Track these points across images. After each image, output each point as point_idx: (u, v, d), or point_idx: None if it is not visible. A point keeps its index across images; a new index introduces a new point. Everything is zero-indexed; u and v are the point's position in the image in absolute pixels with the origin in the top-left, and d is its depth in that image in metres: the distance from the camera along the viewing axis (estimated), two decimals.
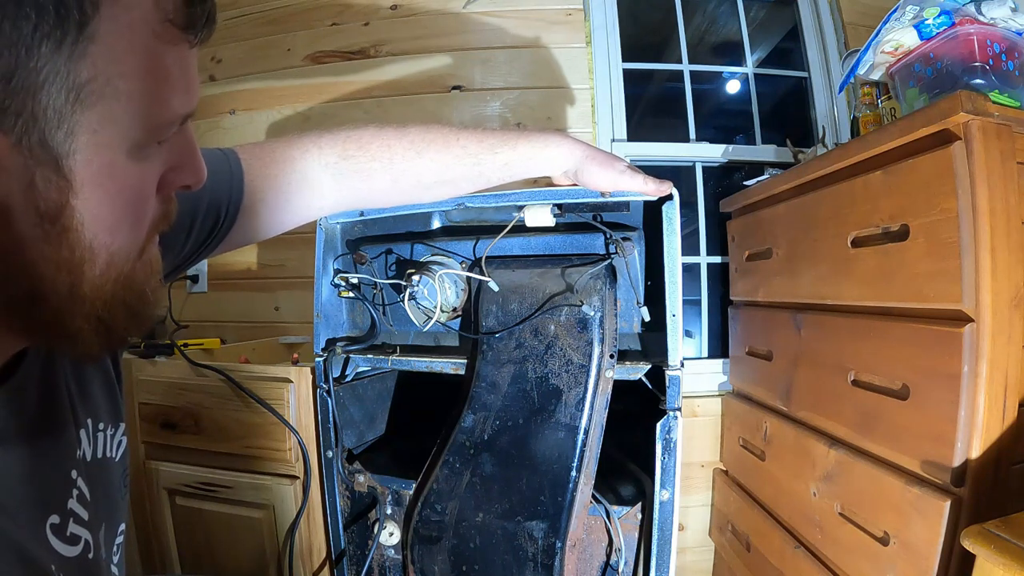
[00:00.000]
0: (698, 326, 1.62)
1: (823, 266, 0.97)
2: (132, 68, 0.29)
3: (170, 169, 0.35)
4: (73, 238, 0.31)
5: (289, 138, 0.63)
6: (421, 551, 0.87)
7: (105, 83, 0.28)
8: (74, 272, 0.31)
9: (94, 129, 0.29)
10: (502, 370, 0.88)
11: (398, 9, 1.62)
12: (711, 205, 1.59)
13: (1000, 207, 0.68)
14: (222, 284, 1.72)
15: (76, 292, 0.32)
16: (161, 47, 0.30)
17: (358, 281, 1.01)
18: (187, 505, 1.17)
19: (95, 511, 0.43)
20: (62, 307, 0.32)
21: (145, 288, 0.37)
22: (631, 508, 0.86)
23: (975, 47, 0.84)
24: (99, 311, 0.33)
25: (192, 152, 0.37)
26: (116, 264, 0.33)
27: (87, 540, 0.41)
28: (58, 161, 0.28)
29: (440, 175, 0.68)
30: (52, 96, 0.27)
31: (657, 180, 0.78)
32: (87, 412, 0.45)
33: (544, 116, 1.57)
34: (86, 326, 0.33)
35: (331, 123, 1.72)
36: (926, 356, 0.74)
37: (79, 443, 0.43)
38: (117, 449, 0.49)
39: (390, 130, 0.66)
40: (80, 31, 0.27)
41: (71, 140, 0.28)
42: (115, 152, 0.30)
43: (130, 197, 0.33)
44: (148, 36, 0.30)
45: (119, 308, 0.34)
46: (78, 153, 0.29)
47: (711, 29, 1.98)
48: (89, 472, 0.43)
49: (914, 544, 0.74)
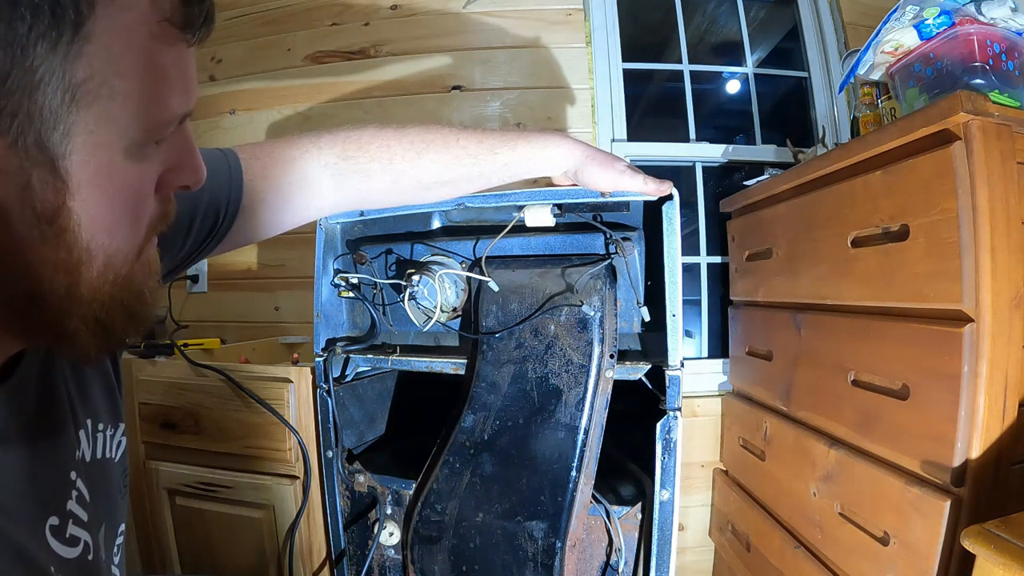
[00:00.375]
0: (698, 326, 1.62)
1: (823, 266, 0.97)
2: (129, 68, 0.29)
3: (168, 169, 0.35)
4: (70, 239, 0.30)
5: (289, 138, 0.63)
6: (421, 551, 0.87)
7: (101, 83, 0.28)
8: (71, 273, 0.31)
9: (91, 129, 0.29)
10: (502, 370, 0.88)
11: (398, 9, 1.62)
12: (711, 205, 1.59)
13: (1000, 207, 0.68)
14: (222, 284, 1.72)
15: (74, 293, 0.32)
16: (158, 47, 0.30)
17: (358, 281, 1.01)
18: (187, 505, 1.17)
19: (95, 512, 0.42)
20: (60, 308, 0.32)
21: (143, 289, 0.36)
22: (631, 508, 0.86)
23: (975, 47, 0.84)
24: (97, 312, 0.33)
25: (191, 152, 0.36)
26: (114, 265, 0.33)
27: (87, 541, 0.41)
28: (54, 162, 0.28)
29: (440, 176, 0.68)
30: (48, 96, 0.27)
31: (657, 180, 0.78)
32: (86, 412, 0.44)
33: (544, 116, 1.57)
34: (83, 327, 0.33)
35: (331, 123, 1.72)
36: (926, 356, 0.74)
37: (78, 444, 0.43)
38: (117, 450, 0.48)
39: (390, 131, 0.66)
40: (76, 31, 0.26)
41: (68, 141, 0.28)
42: (112, 152, 0.30)
43: (128, 197, 0.32)
44: (145, 36, 0.29)
45: (117, 309, 0.34)
46: (75, 154, 0.29)
47: (711, 29, 1.98)
48: (88, 473, 0.43)
49: (914, 544, 0.74)
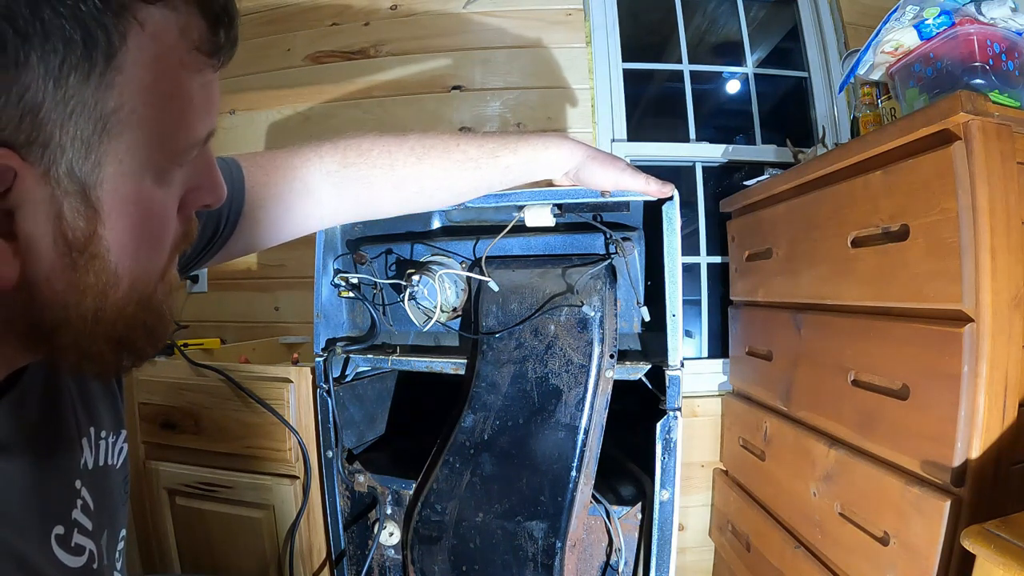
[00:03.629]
0: (698, 326, 1.62)
1: (823, 266, 0.97)
2: (159, 97, 0.29)
3: (190, 190, 0.35)
4: (99, 265, 0.30)
5: (290, 148, 0.63)
6: (421, 551, 0.87)
7: (131, 112, 0.28)
8: (99, 298, 0.31)
9: (120, 159, 0.29)
10: (502, 370, 0.88)
11: (398, 9, 1.62)
12: (711, 205, 1.59)
13: (1000, 207, 0.68)
14: (222, 284, 1.72)
15: (100, 317, 0.32)
16: (187, 74, 0.30)
17: (358, 281, 1.01)
18: (187, 505, 1.16)
19: (98, 520, 0.42)
20: (85, 331, 0.32)
21: (163, 307, 0.36)
22: (631, 508, 0.86)
23: (975, 47, 0.84)
24: (120, 332, 0.33)
25: (211, 172, 0.37)
26: (139, 288, 0.33)
27: (91, 550, 0.41)
28: (86, 191, 0.28)
29: (441, 181, 0.68)
30: (80, 127, 0.27)
31: (659, 181, 0.78)
32: (89, 420, 0.44)
33: (544, 116, 1.57)
34: (107, 348, 0.33)
35: (331, 123, 1.72)
36: (926, 356, 0.74)
37: (82, 452, 0.43)
38: (118, 456, 0.48)
39: (390, 137, 0.66)
40: (108, 63, 0.26)
41: (98, 170, 0.28)
42: (140, 179, 0.30)
43: (153, 221, 0.33)
44: (174, 65, 0.30)
45: (139, 328, 0.34)
46: (106, 182, 0.29)
47: (711, 29, 1.98)
48: (92, 481, 0.43)
49: (914, 544, 0.74)
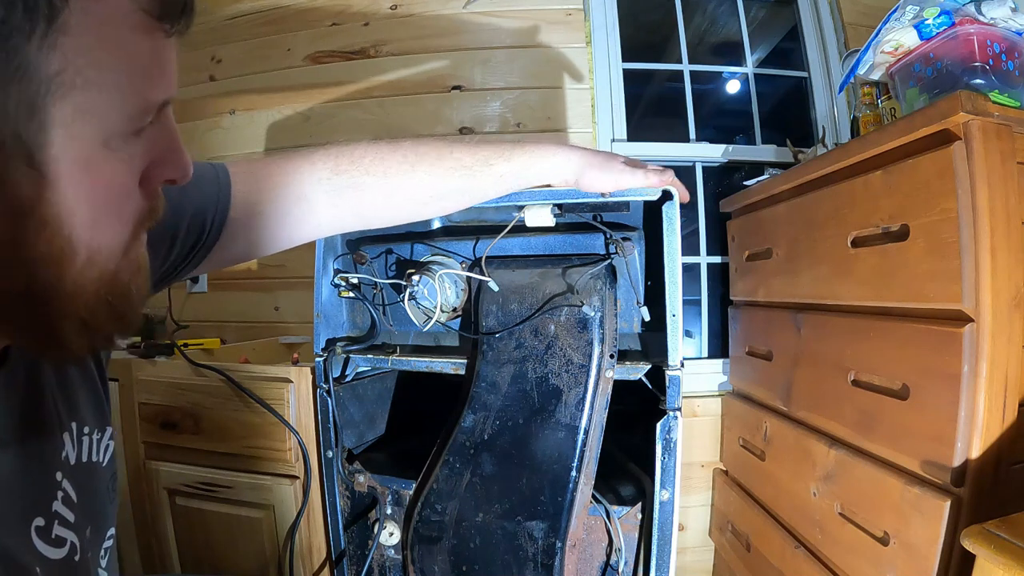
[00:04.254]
0: (698, 326, 1.62)
1: (823, 266, 0.97)
2: (105, 58, 0.29)
3: (153, 163, 0.35)
4: (51, 232, 0.30)
5: (282, 155, 0.63)
6: (421, 551, 0.87)
7: (76, 74, 0.28)
8: (54, 267, 0.31)
9: (67, 122, 0.28)
10: (502, 370, 0.88)
11: (398, 9, 1.62)
12: (711, 205, 1.59)
13: (1000, 207, 0.68)
14: (222, 284, 1.72)
15: (58, 288, 0.31)
16: (135, 37, 0.30)
17: (358, 281, 1.01)
18: (187, 505, 1.16)
19: (81, 514, 0.42)
20: (44, 303, 0.32)
21: (130, 287, 0.36)
22: (631, 508, 0.86)
23: (975, 47, 0.84)
24: (81, 310, 0.33)
25: (174, 145, 0.36)
26: (99, 262, 0.33)
27: (73, 543, 0.41)
28: (32, 154, 0.28)
29: (435, 189, 0.68)
30: (23, 89, 0.26)
31: (657, 170, 0.77)
32: (71, 416, 0.44)
33: (544, 116, 1.57)
34: (68, 325, 0.33)
35: (331, 123, 1.72)
36: (926, 356, 0.74)
37: (63, 445, 0.42)
38: (104, 454, 0.48)
39: (382, 144, 0.66)
40: (50, 23, 0.26)
41: (43, 133, 0.28)
42: (91, 144, 0.30)
43: (109, 190, 0.32)
44: (121, 27, 0.29)
45: (102, 307, 0.34)
46: (52, 146, 0.28)
47: (711, 29, 1.98)
48: (75, 475, 0.43)
49: (914, 544, 0.74)
